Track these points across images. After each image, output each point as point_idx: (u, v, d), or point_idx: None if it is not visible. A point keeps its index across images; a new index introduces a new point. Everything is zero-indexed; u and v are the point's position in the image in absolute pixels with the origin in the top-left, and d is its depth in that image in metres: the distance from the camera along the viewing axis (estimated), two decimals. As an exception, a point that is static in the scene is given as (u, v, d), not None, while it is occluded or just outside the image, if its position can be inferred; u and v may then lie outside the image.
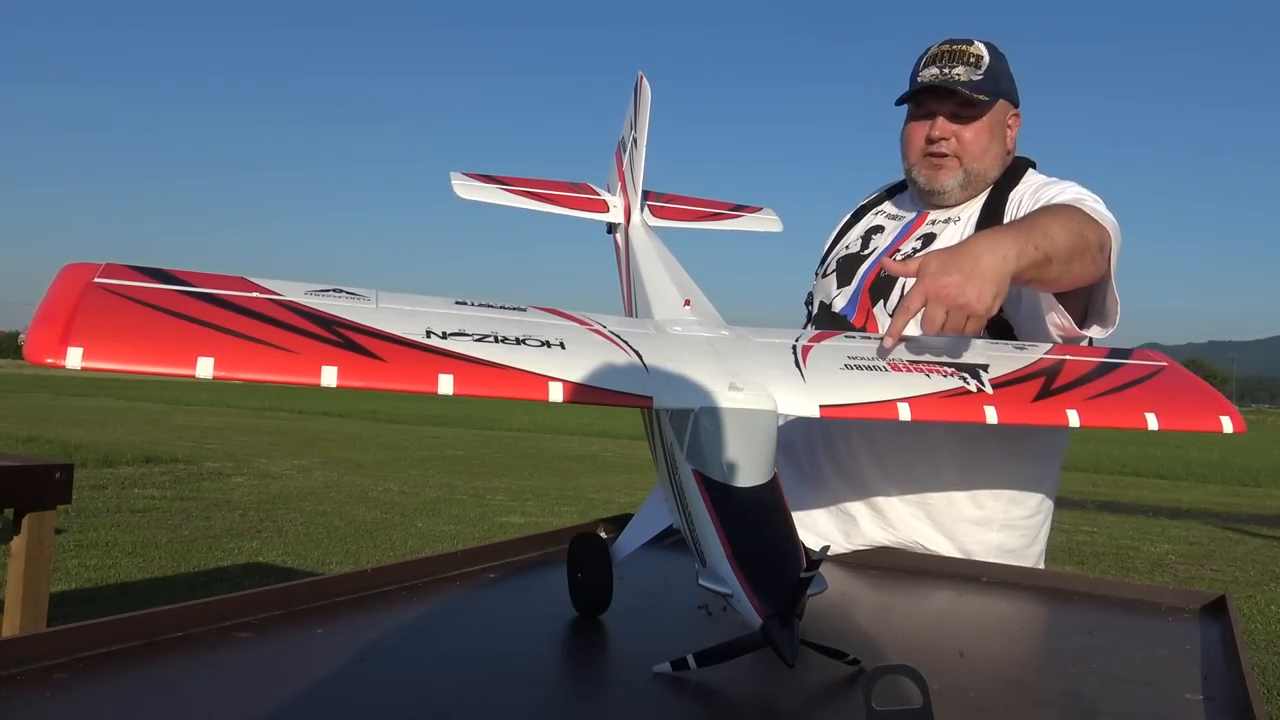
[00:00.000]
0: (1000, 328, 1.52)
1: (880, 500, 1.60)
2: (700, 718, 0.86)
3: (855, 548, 1.59)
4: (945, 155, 1.62)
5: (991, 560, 1.57)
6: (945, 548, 1.58)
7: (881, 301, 1.59)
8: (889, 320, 1.55)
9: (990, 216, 1.57)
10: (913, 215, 1.70)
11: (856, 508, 1.62)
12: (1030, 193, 1.58)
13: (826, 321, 1.65)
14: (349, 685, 0.85)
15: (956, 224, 1.62)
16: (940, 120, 1.61)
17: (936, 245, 1.59)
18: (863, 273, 1.65)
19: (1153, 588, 1.37)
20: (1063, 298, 1.42)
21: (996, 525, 1.60)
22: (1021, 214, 1.52)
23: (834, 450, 1.64)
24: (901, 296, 1.55)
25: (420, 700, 0.82)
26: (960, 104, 1.59)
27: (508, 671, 0.92)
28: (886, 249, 1.66)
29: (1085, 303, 1.45)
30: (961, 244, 1.23)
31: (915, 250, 1.61)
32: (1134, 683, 0.98)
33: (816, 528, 1.64)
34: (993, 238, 1.22)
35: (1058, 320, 1.44)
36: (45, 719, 0.76)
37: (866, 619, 1.22)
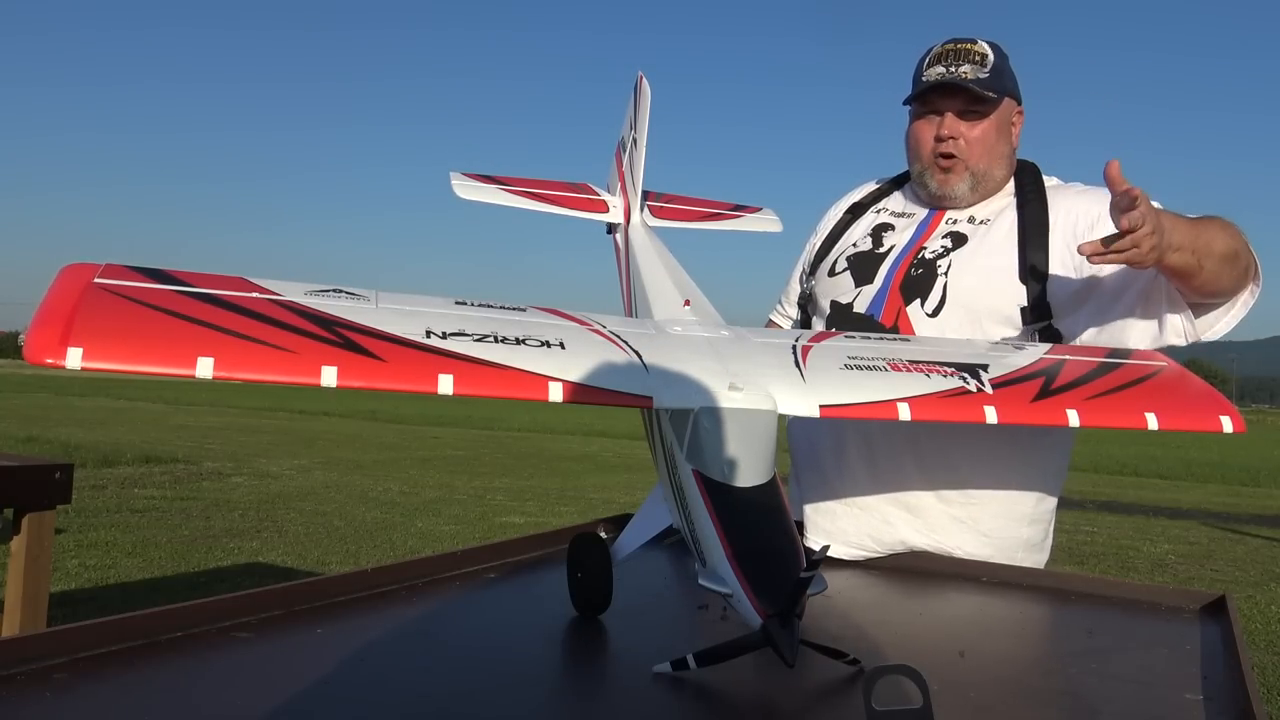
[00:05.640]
0: (1051, 337, 1.53)
1: (915, 498, 1.57)
2: (700, 718, 0.86)
3: (885, 551, 1.57)
4: (954, 158, 1.61)
5: (1018, 554, 1.57)
6: (975, 544, 1.56)
7: (918, 300, 1.56)
8: (925, 320, 1.55)
9: (1034, 227, 1.55)
10: (926, 213, 1.69)
11: (890, 509, 1.58)
12: (1072, 195, 1.59)
13: (847, 321, 1.61)
14: (349, 685, 0.85)
15: (987, 225, 1.60)
16: (949, 117, 1.60)
17: (970, 247, 1.59)
18: (887, 271, 1.62)
19: (1152, 588, 1.37)
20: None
21: (1026, 520, 1.59)
22: (1075, 225, 1.53)
23: (872, 451, 1.59)
24: (943, 298, 1.55)
25: (420, 700, 0.82)
26: (968, 101, 1.58)
27: (508, 671, 0.92)
28: (909, 247, 1.64)
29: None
30: (1160, 212, 1.28)
31: (945, 249, 1.60)
32: (1134, 683, 0.98)
33: (846, 535, 1.59)
34: (1176, 225, 1.29)
35: (1178, 324, 1.45)
36: (45, 719, 0.76)
37: (866, 619, 1.22)
